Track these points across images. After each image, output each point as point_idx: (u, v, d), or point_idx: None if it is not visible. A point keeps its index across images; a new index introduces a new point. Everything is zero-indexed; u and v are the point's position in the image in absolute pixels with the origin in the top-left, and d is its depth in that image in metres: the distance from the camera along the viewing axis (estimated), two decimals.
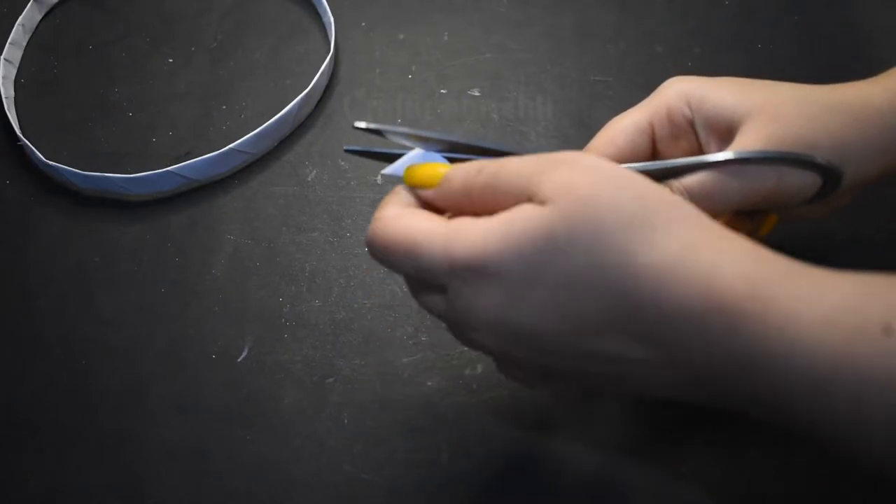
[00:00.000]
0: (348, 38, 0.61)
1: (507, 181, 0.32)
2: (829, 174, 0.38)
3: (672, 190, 0.38)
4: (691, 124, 0.41)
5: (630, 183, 0.31)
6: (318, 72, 0.58)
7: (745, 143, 0.38)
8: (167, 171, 0.54)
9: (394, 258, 0.33)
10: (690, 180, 0.38)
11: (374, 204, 0.41)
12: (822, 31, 0.60)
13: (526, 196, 0.32)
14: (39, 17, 0.65)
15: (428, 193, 0.35)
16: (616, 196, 0.31)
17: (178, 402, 0.47)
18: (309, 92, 0.57)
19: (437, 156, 0.36)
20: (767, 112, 0.39)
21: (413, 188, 0.35)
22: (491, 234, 0.31)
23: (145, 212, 0.54)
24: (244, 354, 0.48)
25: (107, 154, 0.57)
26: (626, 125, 0.41)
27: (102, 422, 0.46)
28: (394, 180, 0.36)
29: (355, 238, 0.52)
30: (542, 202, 0.31)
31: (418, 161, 0.36)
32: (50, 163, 0.55)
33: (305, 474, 0.44)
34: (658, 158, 0.42)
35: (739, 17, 0.61)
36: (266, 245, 0.52)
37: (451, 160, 0.36)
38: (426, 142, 0.36)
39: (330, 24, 0.61)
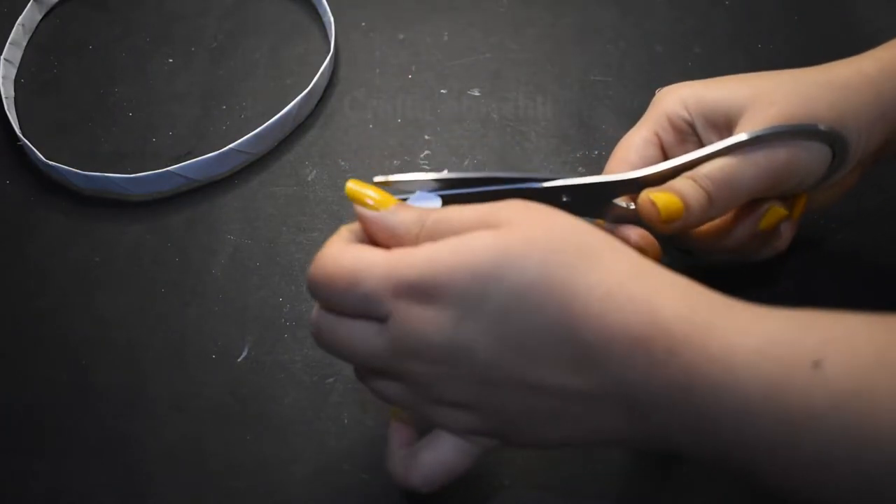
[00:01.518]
0: (348, 38, 0.61)
1: (462, 218, 0.32)
2: (833, 140, 0.39)
3: (695, 180, 0.39)
4: (692, 126, 0.42)
5: (579, 220, 0.32)
6: (318, 72, 0.58)
7: (747, 129, 0.39)
8: (167, 171, 0.54)
9: (335, 290, 0.32)
10: (709, 167, 0.39)
11: None
12: (822, 31, 0.60)
13: (481, 226, 0.32)
14: (39, 17, 0.65)
15: (375, 217, 0.33)
16: (569, 226, 0.31)
17: (178, 402, 0.47)
18: (309, 92, 0.57)
19: (432, 195, 0.37)
20: (762, 98, 0.40)
21: (362, 214, 0.34)
22: (440, 251, 0.31)
23: (145, 212, 0.54)
24: (244, 354, 0.48)
25: (107, 154, 0.57)
26: (634, 141, 0.42)
27: (102, 422, 0.46)
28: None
29: None
30: (497, 226, 0.31)
31: (415, 202, 0.36)
32: (50, 163, 0.55)
33: (305, 474, 0.44)
34: None
35: (739, 17, 0.61)
36: (266, 245, 0.52)
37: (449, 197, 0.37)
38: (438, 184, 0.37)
39: (330, 24, 0.61)
